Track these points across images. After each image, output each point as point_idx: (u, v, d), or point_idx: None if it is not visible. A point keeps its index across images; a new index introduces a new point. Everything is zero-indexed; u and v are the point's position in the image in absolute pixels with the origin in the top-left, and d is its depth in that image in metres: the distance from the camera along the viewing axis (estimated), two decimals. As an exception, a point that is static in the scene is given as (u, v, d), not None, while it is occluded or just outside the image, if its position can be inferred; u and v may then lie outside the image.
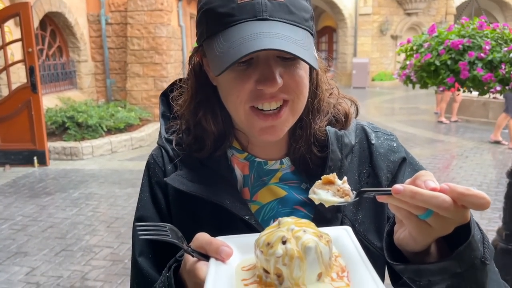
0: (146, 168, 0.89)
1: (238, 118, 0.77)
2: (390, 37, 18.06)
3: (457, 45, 2.66)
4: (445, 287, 0.62)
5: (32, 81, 6.48)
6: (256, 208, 0.83)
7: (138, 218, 0.85)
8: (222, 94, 0.78)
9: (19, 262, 3.71)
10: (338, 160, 0.81)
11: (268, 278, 0.58)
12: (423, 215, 0.58)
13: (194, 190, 0.78)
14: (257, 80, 0.71)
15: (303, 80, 0.74)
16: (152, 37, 9.51)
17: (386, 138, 0.89)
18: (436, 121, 10.06)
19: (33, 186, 5.78)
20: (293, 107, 0.75)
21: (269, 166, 0.85)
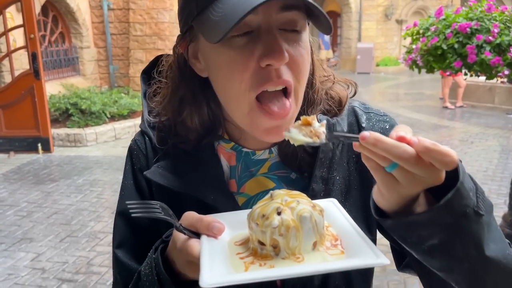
0: (129, 153, 0.83)
1: (239, 114, 0.70)
2: (395, 21, 17.85)
3: (464, 28, 2.61)
4: (437, 242, 0.56)
5: (34, 67, 6.45)
6: (244, 200, 0.79)
7: (121, 211, 0.81)
8: (219, 83, 0.70)
9: (25, 248, 3.73)
10: (329, 151, 0.76)
11: (263, 250, 0.58)
12: (388, 167, 0.53)
13: (176, 186, 0.74)
14: (261, 55, 0.63)
15: (305, 59, 0.68)
16: (154, 22, 9.43)
17: (378, 120, 0.82)
18: (441, 106, 9.98)
19: (37, 173, 5.80)
20: (296, 94, 0.69)
21: (258, 156, 0.79)
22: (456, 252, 0.57)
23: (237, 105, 0.68)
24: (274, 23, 0.64)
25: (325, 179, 0.76)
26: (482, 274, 0.59)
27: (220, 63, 0.66)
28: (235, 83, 0.66)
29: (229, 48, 0.64)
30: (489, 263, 0.58)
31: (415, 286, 3.00)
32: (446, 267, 0.59)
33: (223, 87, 0.69)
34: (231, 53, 0.64)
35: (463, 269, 0.58)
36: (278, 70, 0.64)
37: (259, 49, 0.63)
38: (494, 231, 0.60)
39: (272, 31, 0.63)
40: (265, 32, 0.63)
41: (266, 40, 0.63)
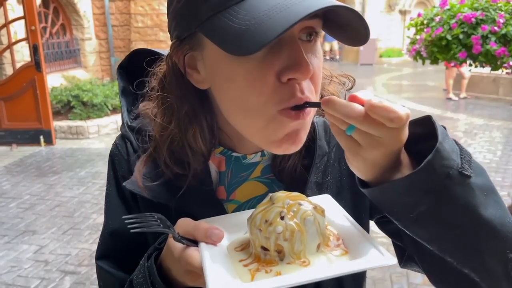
0: (110, 159, 0.78)
1: (253, 129, 0.62)
2: (399, 12, 17.70)
3: (469, 18, 2.57)
4: (424, 209, 0.53)
5: (36, 59, 6.43)
6: (233, 208, 0.74)
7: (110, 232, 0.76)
8: (230, 97, 0.61)
9: (28, 241, 3.74)
10: (325, 154, 0.73)
11: (267, 255, 0.57)
12: (347, 129, 0.52)
13: (158, 197, 0.69)
14: (284, 68, 0.56)
15: (320, 74, 0.62)
16: (156, 13, 9.37)
17: None
18: (445, 98, 9.92)
19: (40, 165, 5.81)
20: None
21: (249, 160, 0.74)
22: (444, 219, 0.54)
23: (253, 120, 0.60)
24: (296, 33, 0.57)
25: (320, 184, 0.73)
26: (476, 241, 0.55)
27: (234, 76, 0.58)
28: (253, 96, 0.58)
29: (245, 60, 0.56)
30: (483, 229, 0.54)
31: (417, 279, 2.99)
32: (436, 237, 0.56)
33: (236, 101, 0.61)
34: (247, 65, 0.57)
35: (454, 237, 0.55)
36: (301, 85, 0.58)
37: (281, 62, 0.56)
38: (491, 195, 0.56)
39: (295, 41, 0.56)
40: (287, 43, 0.56)
41: (288, 51, 0.56)
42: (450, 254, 0.57)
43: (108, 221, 0.77)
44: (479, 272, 0.57)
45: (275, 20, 0.51)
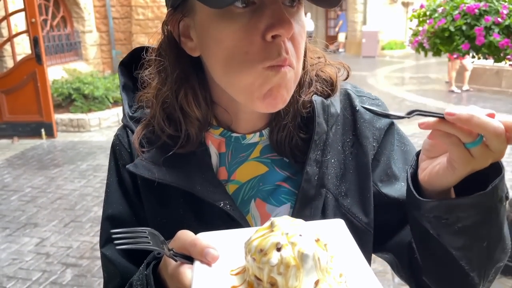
0: (112, 150, 0.79)
1: (240, 84, 0.64)
2: (401, 4, 17.58)
3: (473, 9, 2.54)
4: (470, 224, 0.60)
5: (36, 52, 6.41)
6: (235, 188, 0.75)
7: (108, 217, 0.77)
8: (218, 58, 0.64)
9: (29, 233, 3.75)
10: (324, 133, 0.73)
11: (260, 286, 0.53)
12: (471, 143, 0.56)
13: (161, 177, 0.70)
14: (268, 26, 0.58)
15: (301, 40, 0.65)
16: (157, 6, 9.32)
17: (371, 103, 0.80)
18: (447, 90, 9.88)
19: (41, 158, 5.81)
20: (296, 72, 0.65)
21: (248, 140, 0.75)
22: (481, 233, 0.61)
23: (240, 77, 0.63)
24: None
25: (319, 162, 0.73)
26: (493, 252, 0.63)
27: (222, 37, 0.61)
28: (239, 56, 0.61)
29: (231, 21, 0.60)
30: (501, 243, 0.64)
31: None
32: (467, 246, 0.62)
33: (224, 62, 0.63)
34: (233, 26, 0.60)
35: (481, 248, 0.62)
36: (285, 44, 0.61)
37: (265, 21, 0.59)
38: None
39: (277, 3, 0.59)
40: (271, 4, 0.59)
41: (271, 11, 0.59)
42: (469, 260, 0.63)
43: (106, 207, 0.78)
44: (481, 276, 0.65)
45: None
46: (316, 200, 0.73)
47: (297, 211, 0.71)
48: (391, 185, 0.77)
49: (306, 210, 0.72)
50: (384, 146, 0.78)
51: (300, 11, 0.64)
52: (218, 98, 0.73)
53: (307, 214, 0.72)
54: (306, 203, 0.72)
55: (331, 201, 0.74)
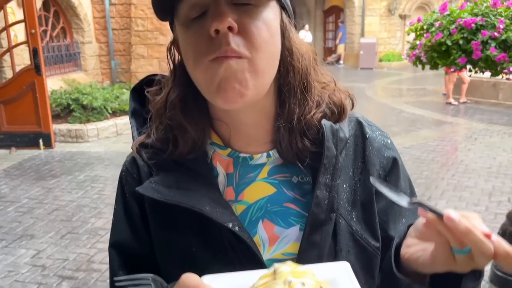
0: (119, 178, 0.81)
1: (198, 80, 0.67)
2: (399, 16, 17.73)
3: (469, 24, 2.56)
4: None
5: (36, 63, 6.43)
6: (243, 208, 0.74)
7: (114, 243, 0.79)
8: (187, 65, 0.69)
9: (25, 245, 3.73)
10: (333, 157, 0.73)
11: None
12: (459, 251, 0.57)
13: (170, 198, 0.70)
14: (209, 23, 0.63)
15: (263, 31, 0.65)
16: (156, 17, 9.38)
17: (380, 134, 0.82)
18: (445, 102, 9.92)
19: (39, 169, 5.80)
20: (252, 65, 0.64)
21: (255, 161, 0.75)
22: None
23: (197, 74, 0.67)
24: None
25: (329, 186, 0.72)
26: None
27: (184, 43, 0.68)
28: (193, 53, 0.66)
29: (189, 29, 0.66)
30: None
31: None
32: None
33: (188, 63, 0.68)
34: (190, 33, 0.66)
35: None
36: (226, 37, 0.62)
37: (208, 21, 0.63)
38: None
39: (218, 2, 0.63)
40: (213, 5, 0.64)
41: (211, 11, 0.63)
42: None
43: (112, 235, 0.80)
44: None
45: None
46: (327, 225, 0.72)
47: (307, 235, 0.71)
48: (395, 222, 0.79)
49: (316, 235, 0.71)
50: (389, 178, 0.80)
51: (258, 9, 0.65)
52: (213, 111, 0.75)
53: (317, 239, 0.71)
54: (317, 227, 0.71)
55: (343, 227, 0.74)
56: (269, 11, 0.66)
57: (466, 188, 4.84)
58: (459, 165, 5.64)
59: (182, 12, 0.66)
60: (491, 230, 0.58)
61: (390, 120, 8.38)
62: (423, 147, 6.42)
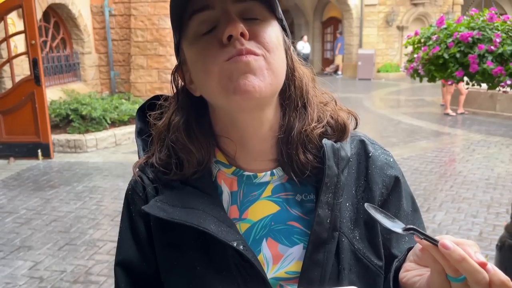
0: (125, 197, 0.81)
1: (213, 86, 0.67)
2: (396, 28, 17.86)
3: (466, 37, 2.59)
4: None
5: (35, 73, 6.45)
6: (247, 226, 0.75)
7: (120, 262, 0.78)
8: (198, 78, 0.70)
9: (23, 256, 3.71)
10: (335, 175, 0.74)
11: None
12: (454, 279, 0.57)
13: (176, 217, 0.70)
14: (222, 32, 0.66)
15: (272, 38, 0.69)
16: (156, 28, 9.44)
17: (383, 152, 0.84)
18: (442, 113, 9.96)
19: (37, 179, 5.78)
20: (267, 61, 0.67)
21: (259, 179, 0.76)
22: None
23: (212, 78, 0.67)
24: (231, 11, 0.67)
25: (331, 205, 0.73)
26: None
27: (194, 56, 0.70)
28: (205, 61, 0.67)
29: (199, 43, 0.68)
30: None
31: None
32: None
33: (199, 73, 0.70)
34: (200, 45, 0.68)
35: None
36: (240, 40, 0.65)
37: (220, 31, 0.66)
38: None
39: (228, 13, 0.66)
40: (223, 17, 0.67)
41: (224, 21, 0.66)
42: None
43: (118, 253, 0.79)
44: None
45: None
46: (329, 244, 0.72)
47: (310, 253, 0.72)
48: (397, 240, 0.80)
49: (319, 253, 0.72)
50: (391, 197, 0.81)
51: (265, 24, 0.69)
52: (219, 129, 0.76)
53: (320, 257, 0.72)
54: (319, 246, 0.72)
55: (346, 245, 0.74)
56: (274, 27, 0.71)
57: (464, 199, 4.84)
58: (457, 176, 5.64)
59: (191, 30, 0.68)
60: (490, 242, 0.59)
61: (388, 131, 8.41)
62: (422, 158, 6.43)
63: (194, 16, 0.67)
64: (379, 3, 17.47)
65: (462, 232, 4.01)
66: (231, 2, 0.67)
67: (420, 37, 2.93)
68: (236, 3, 0.67)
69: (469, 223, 4.22)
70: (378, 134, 8.02)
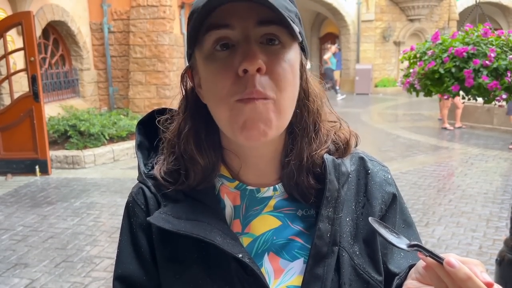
0: (125, 209, 0.80)
1: (221, 117, 0.68)
2: (393, 43, 18.04)
3: (461, 52, 2.61)
4: None
5: (34, 90, 6.48)
6: (249, 241, 0.75)
7: (119, 276, 0.76)
8: (207, 95, 0.70)
9: (19, 274, 3.67)
10: (335, 190, 0.75)
11: None
12: None
13: (182, 229, 0.70)
14: (239, 62, 0.64)
15: (288, 72, 0.67)
16: (154, 45, 9.52)
17: (381, 169, 0.85)
18: (440, 127, 10.00)
19: (34, 196, 5.76)
20: (276, 105, 0.66)
21: (262, 194, 0.77)
22: None
23: (220, 111, 0.68)
24: (252, 36, 0.65)
25: (331, 219, 0.73)
26: None
27: (207, 76, 0.69)
28: (217, 88, 0.67)
29: (213, 61, 0.67)
30: None
31: None
32: None
33: (210, 97, 0.70)
34: (214, 65, 0.67)
35: None
36: (253, 78, 0.64)
37: (237, 59, 0.64)
38: None
39: (249, 41, 0.65)
40: (243, 42, 0.65)
41: (243, 49, 0.65)
42: None
43: (117, 267, 0.78)
44: None
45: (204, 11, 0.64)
46: (329, 258, 0.73)
47: (310, 267, 0.72)
48: (393, 257, 0.80)
49: (319, 267, 0.72)
50: (388, 213, 0.81)
51: (284, 50, 0.67)
52: (226, 143, 0.76)
53: (320, 272, 0.72)
54: (319, 260, 0.72)
55: (346, 260, 0.74)
56: (293, 52, 0.69)
57: (463, 213, 4.83)
58: (456, 191, 5.64)
59: (207, 45, 0.67)
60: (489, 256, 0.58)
61: (386, 145, 8.42)
62: (420, 172, 6.43)
63: (212, 31, 0.65)
64: (375, 19, 17.67)
65: (462, 247, 3.99)
66: (254, 25, 0.65)
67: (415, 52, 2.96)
68: (259, 27, 0.65)
69: (468, 237, 4.20)
70: (376, 148, 8.03)
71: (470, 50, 2.62)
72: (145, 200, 0.77)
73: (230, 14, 0.64)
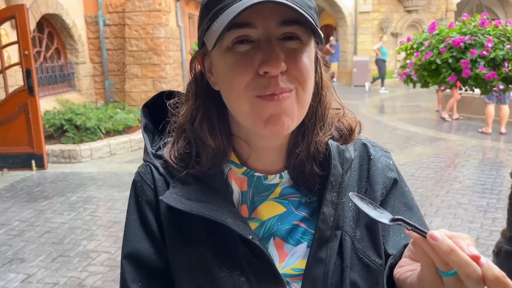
0: (133, 187, 0.80)
1: (241, 110, 0.69)
2: (391, 34, 17.97)
3: (458, 43, 2.59)
4: None
5: (29, 84, 6.42)
6: (256, 225, 0.77)
7: (128, 254, 0.76)
8: (223, 86, 0.71)
9: (15, 269, 3.65)
10: (339, 175, 0.77)
11: None
12: (445, 273, 0.54)
13: (195, 209, 0.71)
14: (260, 62, 0.65)
15: (307, 68, 0.68)
16: (150, 38, 9.45)
17: (383, 154, 0.87)
18: (438, 119, 9.99)
19: (31, 190, 5.73)
20: (298, 96, 0.68)
21: (269, 181, 0.79)
22: None
23: (239, 104, 0.69)
24: (274, 36, 0.66)
25: (335, 204, 0.76)
26: None
27: (225, 67, 0.69)
28: (236, 82, 0.67)
29: (233, 54, 0.67)
30: None
31: None
32: None
33: (227, 89, 0.70)
34: (234, 57, 0.67)
35: None
36: (276, 78, 0.65)
37: (259, 57, 0.65)
38: None
39: (271, 41, 0.65)
40: (264, 42, 0.66)
41: (264, 49, 0.65)
42: None
43: (126, 245, 0.77)
44: None
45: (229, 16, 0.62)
46: (332, 242, 0.75)
47: (314, 251, 0.74)
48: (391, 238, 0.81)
49: (322, 251, 0.74)
50: (388, 198, 0.83)
51: (304, 47, 0.68)
52: (237, 130, 0.77)
53: (323, 255, 0.74)
54: (323, 244, 0.74)
55: (348, 244, 0.76)
56: (311, 47, 0.70)
57: (460, 205, 4.83)
58: (453, 182, 5.64)
59: (227, 41, 0.67)
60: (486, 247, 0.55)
61: (384, 137, 8.41)
62: (417, 163, 6.42)
63: (234, 30, 0.65)
64: (373, 10, 17.59)
65: (459, 238, 3.99)
66: (276, 25, 0.65)
67: (412, 43, 2.93)
68: (280, 27, 0.66)
69: (465, 228, 4.20)
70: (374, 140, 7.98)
71: (467, 40, 2.59)
72: (153, 180, 0.78)
73: (254, 14, 0.64)
